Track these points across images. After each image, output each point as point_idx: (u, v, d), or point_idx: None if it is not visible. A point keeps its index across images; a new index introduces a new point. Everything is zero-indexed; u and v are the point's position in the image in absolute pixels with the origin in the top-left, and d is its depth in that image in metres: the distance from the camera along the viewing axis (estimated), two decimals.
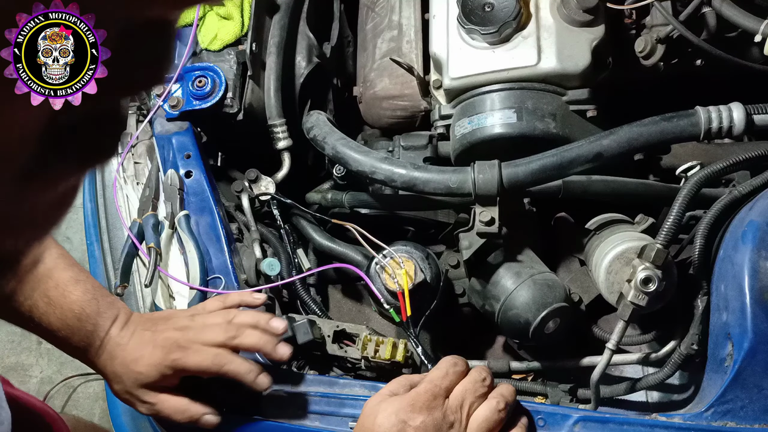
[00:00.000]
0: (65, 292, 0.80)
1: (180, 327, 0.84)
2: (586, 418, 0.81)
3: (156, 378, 0.82)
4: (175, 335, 0.83)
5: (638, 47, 1.07)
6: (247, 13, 1.15)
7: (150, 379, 0.82)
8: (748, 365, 0.76)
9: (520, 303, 0.95)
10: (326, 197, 1.20)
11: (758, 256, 0.77)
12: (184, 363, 0.81)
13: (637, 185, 1.01)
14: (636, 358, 0.99)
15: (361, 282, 1.20)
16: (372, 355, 0.93)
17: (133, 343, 0.83)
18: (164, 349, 0.82)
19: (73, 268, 0.83)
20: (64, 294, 0.80)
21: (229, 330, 0.84)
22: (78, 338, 0.81)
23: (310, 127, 1.12)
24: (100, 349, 0.82)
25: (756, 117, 0.90)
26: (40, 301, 0.79)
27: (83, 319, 0.81)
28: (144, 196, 1.06)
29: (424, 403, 0.74)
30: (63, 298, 0.80)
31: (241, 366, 0.83)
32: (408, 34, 1.27)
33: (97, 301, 0.83)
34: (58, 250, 0.83)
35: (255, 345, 0.85)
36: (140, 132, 1.11)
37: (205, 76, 1.10)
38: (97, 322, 0.82)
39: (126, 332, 0.83)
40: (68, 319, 0.80)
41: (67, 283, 0.81)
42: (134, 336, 0.83)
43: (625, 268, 0.90)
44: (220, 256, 1.01)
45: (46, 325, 0.79)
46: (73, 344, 0.81)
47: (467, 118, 1.05)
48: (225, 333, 0.84)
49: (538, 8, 1.04)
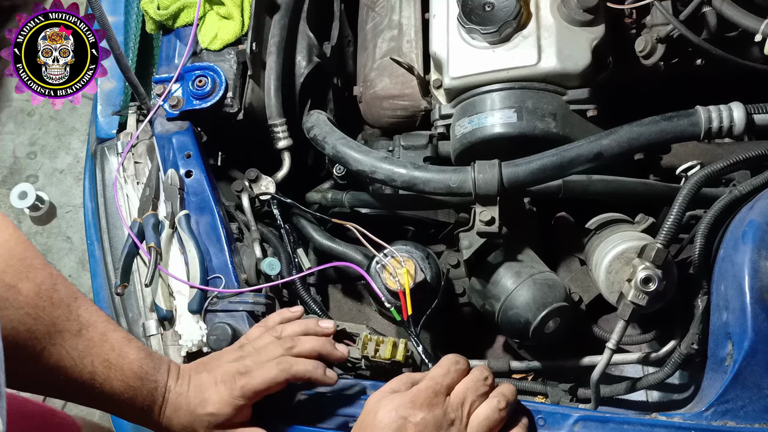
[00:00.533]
0: (122, 353, 0.78)
1: (234, 359, 0.83)
2: (586, 417, 0.81)
3: (230, 413, 0.80)
4: (233, 366, 0.82)
5: (638, 47, 1.07)
6: (248, 13, 1.15)
7: (223, 417, 0.80)
8: (748, 365, 0.76)
9: (520, 302, 0.95)
10: (326, 197, 1.20)
11: (758, 256, 0.77)
12: (252, 385, 0.80)
13: (637, 185, 1.01)
14: (636, 358, 0.99)
15: (362, 281, 1.20)
16: (372, 354, 0.93)
17: (193, 389, 0.81)
18: (227, 383, 0.80)
19: (119, 327, 0.82)
20: (122, 355, 0.78)
21: (284, 343, 0.84)
22: (142, 398, 0.78)
23: (310, 126, 1.12)
24: (164, 405, 0.80)
25: (756, 116, 0.90)
26: (100, 367, 0.76)
27: (144, 378, 0.79)
28: (144, 195, 1.06)
29: (424, 400, 0.74)
30: (122, 359, 0.78)
31: (307, 364, 0.82)
32: (408, 34, 1.27)
33: (151, 358, 0.81)
34: (101, 312, 0.81)
35: (314, 349, 0.84)
36: (140, 132, 1.11)
37: (206, 75, 1.10)
38: (156, 379, 0.80)
39: (182, 381, 0.81)
40: (130, 380, 0.78)
41: (122, 343, 0.79)
42: (191, 382, 0.82)
43: (625, 268, 0.90)
44: (221, 256, 1.01)
45: (108, 390, 0.76)
46: (137, 405, 0.78)
47: (467, 118, 1.05)
48: (281, 346, 0.83)
49: (538, 8, 1.04)
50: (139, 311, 1.00)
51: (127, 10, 1.23)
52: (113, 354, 0.77)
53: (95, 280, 1.09)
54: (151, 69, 1.24)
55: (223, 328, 0.93)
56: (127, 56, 1.17)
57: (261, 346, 0.84)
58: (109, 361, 0.76)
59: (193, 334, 0.95)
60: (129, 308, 1.01)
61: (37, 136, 2.63)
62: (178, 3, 1.15)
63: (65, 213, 2.51)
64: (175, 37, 1.18)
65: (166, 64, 1.16)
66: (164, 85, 1.11)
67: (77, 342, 0.75)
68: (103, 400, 0.77)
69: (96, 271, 1.09)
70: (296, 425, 0.86)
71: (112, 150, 1.12)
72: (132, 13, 1.23)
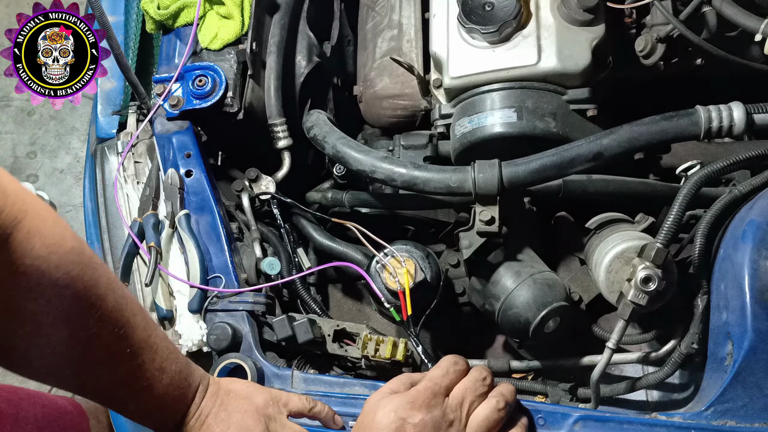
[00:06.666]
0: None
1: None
2: (586, 417, 0.81)
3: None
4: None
5: (638, 46, 1.07)
6: (248, 13, 1.15)
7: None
8: (748, 364, 0.76)
9: (520, 302, 0.95)
10: (326, 196, 1.20)
11: (758, 256, 0.77)
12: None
13: (638, 184, 1.01)
14: (636, 357, 0.99)
15: (362, 281, 1.20)
16: (372, 354, 0.93)
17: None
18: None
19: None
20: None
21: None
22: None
23: (310, 126, 1.12)
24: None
25: (756, 116, 0.89)
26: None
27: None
28: (144, 195, 1.06)
29: (423, 401, 0.74)
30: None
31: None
32: (408, 34, 1.27)
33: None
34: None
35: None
36: (140, 131, 1.11)
37: (206, 75, 1.10)
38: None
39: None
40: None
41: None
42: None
43: (625, 267, 0.90)
44: (221, 255, 1.01)
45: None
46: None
47: (467, 118, 1.05)
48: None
49: (538, 7, 1.04)
50: None
51: (127, 9, 1.23)
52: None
53: None
54: (151, 69, 1.24)
55: (223, 328, 0.93)
56: (127, 56, 1.17)
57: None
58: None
59: (193, 333, 0.95)
60: None
61: (37, 135, 2.63)
62: (178, 2, 1.16)
63: (65, 212, 2.51)
64: (175, 37, 1.18)
65: (166, 64, 1.16)
66: (164, 85, 1.11)
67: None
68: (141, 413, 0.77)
69: None
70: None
71: (112, 150, 1.12)
72: (132, 13, 1.23)
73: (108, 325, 0.68)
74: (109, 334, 0.69)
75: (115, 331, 0.69)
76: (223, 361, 0.91)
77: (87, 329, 0.67)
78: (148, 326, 0.74)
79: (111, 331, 0.69)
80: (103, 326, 0.68)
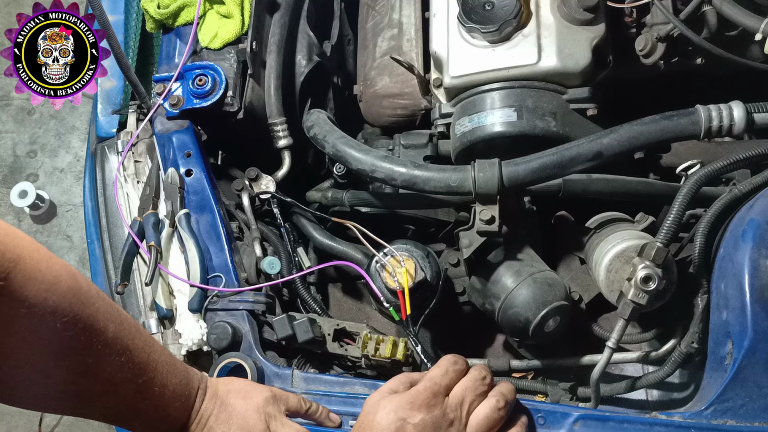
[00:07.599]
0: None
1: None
2: (586, 416, 0.81)
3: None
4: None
5: (639, 46, 1.07)
6: (248, 12, 1.15)
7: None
8: (748, 364, 0.76)
9: (520, 301, 0.95)
10: (326, 196, 1.20)
11: (758, 255, 0.77)
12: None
13: (638, 184, 1.01)
14: (636, 357, 0.99)
15: (362, 280, 1.20)
16: (372, 353, 0.93)
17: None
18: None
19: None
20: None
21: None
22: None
23: (310, 125, 1.12)
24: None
25: (756, 115, 0.89)
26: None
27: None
28: (144, 194, 1.06)
29: (423, 401, 0.74)
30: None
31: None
32: (408, 33, 1.27)
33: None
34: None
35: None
36: (140, 130, 1.11)
37: (206, 74, 1.10)
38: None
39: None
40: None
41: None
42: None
43: (625, 267, 0.90)
44: (221, 255, 1.01)
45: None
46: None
47: (467, 117, 1.05)
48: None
49: (538, 7, 1.04)
50: (139, 310, 1.00)
51: (127, 9, 1.23)
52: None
53: (95, 279, 1.09)
54: (151, 68, 1.24)
55: (223, 327, 0.93)
56: (128, 55, 1.17)
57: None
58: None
59: (193, 333, 0.95)
60: (129, 307, 1.01)
61: (38, 134, 2.63)
62: (178, 2, 1.15)
63: (65, 212, 2.51)
64: (176, 36, 1.18)
65: (166, 63, 1.16)
66: (164, 84, 1.11)
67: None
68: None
69: (96, 270, 1.09)
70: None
71: (112, 149, 1.12)
72: (132, 12, 1.23)
73: (109, 355, 0.68)
74: (111, 364, 0.69)
75: (116, 359, 0.69)
76: (223, 360, 0.91)
77: (88, 363, 0.67)
78: (146, 345, 0.73)
79: (113, 360, 0.69)
80: (105, 357, 0.68)
